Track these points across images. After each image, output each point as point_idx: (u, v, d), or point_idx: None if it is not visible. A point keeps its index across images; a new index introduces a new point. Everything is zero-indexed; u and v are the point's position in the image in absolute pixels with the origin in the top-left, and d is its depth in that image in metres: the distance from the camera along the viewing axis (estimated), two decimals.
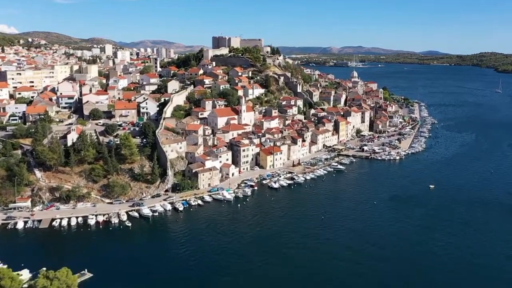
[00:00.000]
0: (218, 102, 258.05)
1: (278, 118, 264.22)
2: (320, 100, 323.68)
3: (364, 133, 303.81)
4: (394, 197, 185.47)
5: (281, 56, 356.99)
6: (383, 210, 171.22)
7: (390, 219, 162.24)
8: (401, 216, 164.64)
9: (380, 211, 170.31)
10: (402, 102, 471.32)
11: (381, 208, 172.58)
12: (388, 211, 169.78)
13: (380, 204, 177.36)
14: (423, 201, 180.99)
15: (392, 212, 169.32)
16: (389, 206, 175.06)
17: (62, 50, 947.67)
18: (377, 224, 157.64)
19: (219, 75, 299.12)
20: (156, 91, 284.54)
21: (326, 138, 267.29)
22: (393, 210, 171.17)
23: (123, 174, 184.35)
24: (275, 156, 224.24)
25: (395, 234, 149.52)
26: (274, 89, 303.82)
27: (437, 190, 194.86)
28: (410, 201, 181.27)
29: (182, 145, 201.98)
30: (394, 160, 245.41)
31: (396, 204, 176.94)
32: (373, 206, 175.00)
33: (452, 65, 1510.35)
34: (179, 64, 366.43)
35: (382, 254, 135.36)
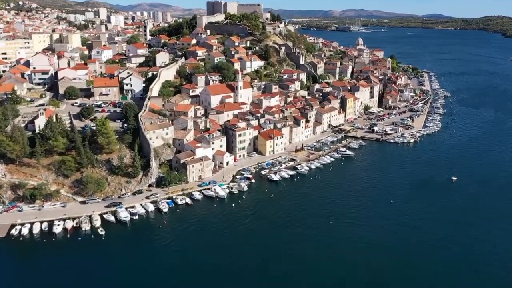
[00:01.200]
0: (211, 78, 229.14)
1: (279, 95, 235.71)
2: (325, 73, 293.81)
3: (373, 109, 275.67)
4: (413, 194, 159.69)
5: (282, 24, 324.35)
6: (402, 212, 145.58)
7: (412, 226, 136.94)
8: (426, 226, 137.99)
9: (398, 213, 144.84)
10: (410, 72, 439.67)
11: (399, 210, 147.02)
12: (408, 215, 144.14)
13: (397, 203, 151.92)
14: (447, 200, 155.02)
15: (413, 215, 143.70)
16: (408, 207, 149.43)
17: (54, 14, 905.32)
18: (396, 233, 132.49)
19: (213, 46, 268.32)
20: (144, 64, 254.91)
21: (332, 117, 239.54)
22: (414, 213, 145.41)
23: (100, 167, 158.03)
24: (276, 140, 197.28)
25: (423, 251, 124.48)
26: (275, 61, 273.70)
27: (461, 183, 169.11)
28: (432, 199, 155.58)
29: (169, 130, 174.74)
30: (408, 143, 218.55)
31: (417, 205, 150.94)
32: (389, 206, 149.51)
33: (457, 29, 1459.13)
34: (171, 32, 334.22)
35: (407, 274, 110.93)
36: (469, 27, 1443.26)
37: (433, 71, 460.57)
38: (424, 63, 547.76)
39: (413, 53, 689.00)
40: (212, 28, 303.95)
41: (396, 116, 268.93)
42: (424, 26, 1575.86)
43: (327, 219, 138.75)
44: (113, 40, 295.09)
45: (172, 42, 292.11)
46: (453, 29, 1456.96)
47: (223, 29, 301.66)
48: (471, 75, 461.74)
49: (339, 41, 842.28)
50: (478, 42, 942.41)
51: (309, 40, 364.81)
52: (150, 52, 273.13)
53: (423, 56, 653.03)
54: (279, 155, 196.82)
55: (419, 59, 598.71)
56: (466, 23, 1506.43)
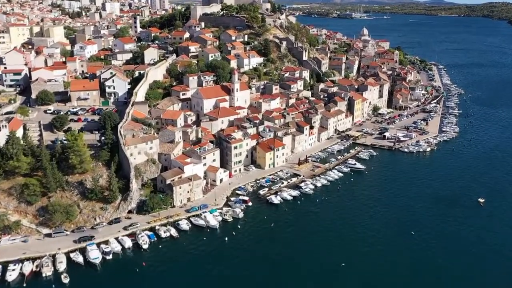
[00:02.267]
0: (205, 78, 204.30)
1: (280, 97, 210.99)
2: (330, 70, 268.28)
3: (382, 110, 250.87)
4: (436, 223, 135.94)
5: (283, 15, 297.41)
6: (425, 247, 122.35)
7: (437, 266, 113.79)
8: (456, 268, 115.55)
9: (421, 249, 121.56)
10: (418, 64, 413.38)
11: (423, 245, 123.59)
12: (431, 249, 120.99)
13: (419, 233, 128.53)
14: (477, 236, 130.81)
15: (437, 251, 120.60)
16: (431, 238, 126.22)
17: (49, 1, 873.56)
18: (420, 277, 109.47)
19: (208, 41, 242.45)
20: (131, 61, 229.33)
21: (339, 121, 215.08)
22: (438, 248, 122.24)
23: (70, 191, 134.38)
24: (276, 152, 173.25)
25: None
26: (275, 57, 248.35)
27: (491, 207, 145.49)
28: (459, 231, 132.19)
29: (153, 144, 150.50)
30: (424, 153, 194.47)
31: (442, 239, 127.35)
32: (411, 239, 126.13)
33: (461, 16, 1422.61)
34: (163, 24, 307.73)
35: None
36: (473, 14, 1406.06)
37: (442, 63, 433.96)
38: (431, 53, 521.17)
39: (418, 42, 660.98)
40: (207, 20, 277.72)
41: (407, 117, 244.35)
42: (427, 13, 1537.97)
43: (337, 259, 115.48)
44: (98, 34, 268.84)
45: (163, 35, 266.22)
46: (456, 16, 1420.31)
47: (219, 21, 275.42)
48: (483, 67, 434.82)
49: (341, 29, 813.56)
50: (484, 30, 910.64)
51: (312, 32, 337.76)
52: (139, 47, 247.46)
53: (430, 45, 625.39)
54: (280, 168, 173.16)
55: (426, 49, 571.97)
56: (469, 10, 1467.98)
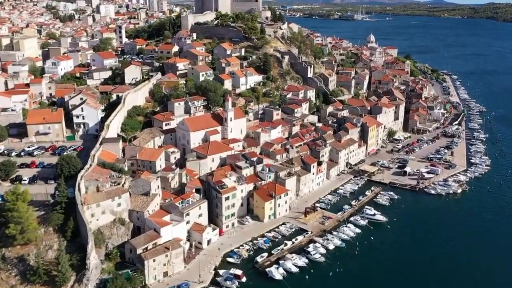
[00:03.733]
0: (193, 103, 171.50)
1: (282, 124, 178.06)
2: (338, 87, 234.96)
3: (398, 135, 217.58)
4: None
5: (285, 24, 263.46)
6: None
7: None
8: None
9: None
10: (429, 74, 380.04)
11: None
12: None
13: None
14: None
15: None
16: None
17: (44, 3, 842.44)
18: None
19: (199, 56, 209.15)
20: (110, 80, 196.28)
21: (351, 153, 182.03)
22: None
23: (7, 270, 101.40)
24: (278, 200, 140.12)
25: None
26: (276, 74, 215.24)
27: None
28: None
29: (122, 199, 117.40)
30: (454, 195, 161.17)
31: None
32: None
33: (464, 17, 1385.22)
34: (151, 34, 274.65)
35: None
36: (477, 16, 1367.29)
37: (455, 72, 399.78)
38: (440, 59, 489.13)
39: (425, 47, 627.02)
40: (200, 31, 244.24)
41: (427, 144, 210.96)
42: (429, 14, 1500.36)
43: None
44: (76, 46, 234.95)
45: (149, 48, 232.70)
46: (460, 18, 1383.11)
47: (212, 32, 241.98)
48: (499, 75, 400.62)
49: (343, 32, 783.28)
50: (491, 33, 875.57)
51: (316, 42, 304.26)
52: (121, 62, 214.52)
53: (438, 50, 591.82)
54: (282, 220, 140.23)
55: (435, 55, 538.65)
56: (473, 11, 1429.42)
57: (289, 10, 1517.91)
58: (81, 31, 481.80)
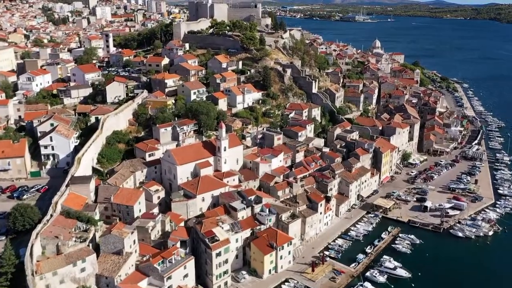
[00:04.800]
0: (182, 128, 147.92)
1: (284, 151, 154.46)
2: (345, 103, 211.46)
3: (413, 159, 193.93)
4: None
5: (287, 33, 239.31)
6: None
7: None
8: None
9: None
10: (440, 83, 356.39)
11: None
12: None
13: None
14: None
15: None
16: None
17: (40, 4, 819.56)
18: None
19: (191, 70, 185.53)
20: (91, 98, 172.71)
21: (363, 184, 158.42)
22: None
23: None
24: (280, 251, 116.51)
25: None
26: (277, 90, 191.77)
27: None
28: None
29: (87, 263, 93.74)
30: (485, 238, 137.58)
31: None
32: None
33: (467, 19, 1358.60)
34: (141, 42, 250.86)
35: None
36: (480, 17, 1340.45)
37: (466, 79, 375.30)
38: (448, 64, 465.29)
39: (430, 50, 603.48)
40: (194, 40, 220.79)
41: (446, 168, 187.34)
42: (431, 15, 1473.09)
43: None
44: (56, 58, 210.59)
45: (137, 60, 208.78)
46: (462, 19, 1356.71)
47: (207, 42, 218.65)
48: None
49: (345, 34, 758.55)
50: (496, 35, 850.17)
51: (321, 50, 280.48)
52: (105, 75, 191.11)
53: (444, 55, 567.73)
54: (285, 276, 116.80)
55: (441, 59, 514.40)
56: (476, 12, 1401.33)
57: (289, 11, 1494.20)
58: (73, 36, 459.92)
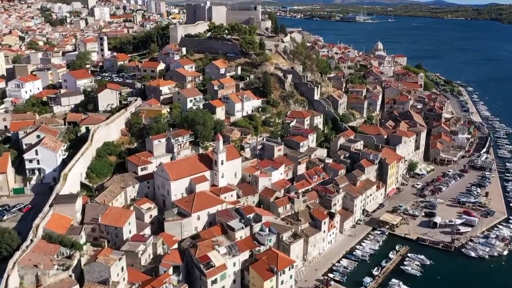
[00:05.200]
0: (177, 140, 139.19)
1: (285, 163, 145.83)
2: (348, 110, 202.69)
3: (420, 169, 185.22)
4: None
5: (287, 37, 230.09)
6: None
7: None
8: None
9: None
10: (443, 86, 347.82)
11: None
12: None
13: None
14: None
15: None
16: None
17: (38, 5, 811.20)
18: None
19: (187, 77, 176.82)
20: (82, 106, 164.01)
21: (368, 198, 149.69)
22: None
23: None
24: (281, 276, 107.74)
25: None
26: (278, 97, 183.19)
27: None
28: None
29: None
30: (500, 258, 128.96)
31: None
32: None
33: (467, 19, 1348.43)
34: (137, 46, 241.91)
35: None
36: (480, 17, 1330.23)
37: (470, 83, 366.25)
38: (451, 66, 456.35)
39: (432, 51, 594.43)
40: (191, 44, 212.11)
41: (455, 179, 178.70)
42: (432, 15, 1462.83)
43: None
44: (47, 62, 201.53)
45: (132, 65, 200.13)
46: (463, 19, 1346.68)
47: (205, 46, 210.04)
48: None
49: (345, 34, 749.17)
50: (497, 35, 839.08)
51: (322, 53, 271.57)
52: (98, 81, 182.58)
53: (446, 55, 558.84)
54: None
55: (444, 61, 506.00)
56: (476, 13, 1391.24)
57: (289, 11, 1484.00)
58: (69, 37, 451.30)
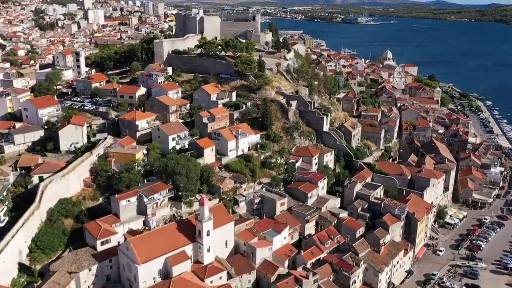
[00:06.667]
0: (153, 197, 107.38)
1: (289, 224, 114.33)
2: (363, 141, 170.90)
3: (451, 216, 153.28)
4: None
5: (291, 53, 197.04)
6: None
7: None
8: None
9: None
10: (459, 100, 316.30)
11: None
12: None
13: None
14: None
15: None
16: None
17: (32, 7, 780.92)
18: None
19: (170, 106, 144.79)
20: (40, 145, 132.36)
21: (394, 267, 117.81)
22: None
23: None
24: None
25: None
26: (280, 130, 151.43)
27: None
28: None
29: None
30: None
31: None
32: None
33: (471, 20, 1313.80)
34: (119, 62, 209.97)
35: None
36: (484, 18, 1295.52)
37: (487, 95, 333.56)
38: (462, 73, 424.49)
39: (439, 56, 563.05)
40: (179, 62, 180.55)
41: (494, 230, 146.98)
42: (435, 16, 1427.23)
43: None
44: (5, 88, 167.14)
45: (109, 87, 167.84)
46: (467, 21, 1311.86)
47: (195, 64, 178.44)
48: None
49: (348, 37, 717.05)
50: (506, 38, 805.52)
51: (329, 68, 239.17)
52: (66, 109, 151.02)
53: (456, 61, 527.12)
54: None
55: (453, 68, 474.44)
56: (480, 14, 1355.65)
57: (289, 12, 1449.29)
58: (57, 44, 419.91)
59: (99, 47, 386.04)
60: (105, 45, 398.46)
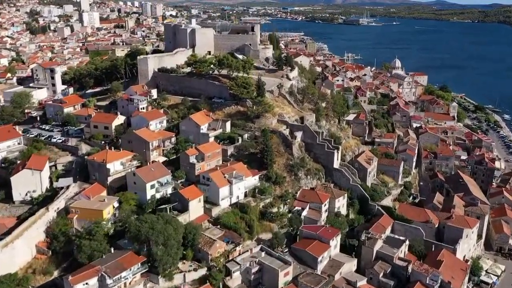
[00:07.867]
0: (118, 279, 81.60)
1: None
2: (379, 177, 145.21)
3: (487, 272, 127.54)
4: None
5: (295, 71, 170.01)
6: None
7: None
8: None
9: None
10: (474, 113, 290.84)
11: None
12: None
13: None
14: None
15: None
16: None
17: (27, 8, 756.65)
18: None
19: (150, 142, 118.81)
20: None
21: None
22: None
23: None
24: None
25: None
26: (282, 168, 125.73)
27: None
28: None
29: None
30: None
31: None
32: None
33: (474, 21, 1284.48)
34: (100, 79, 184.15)
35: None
36: (488, 20, 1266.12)
37: (504, 108, 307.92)
38: (471, 81, 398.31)
39: (446, 60, 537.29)
40: (166, 81, 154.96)
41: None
42: (437, 17, 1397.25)
43: None
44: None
45: (83, 113, 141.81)
46: (470, 22, 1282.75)
47: (184, 85, 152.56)
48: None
49: (350, 39, 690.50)
50: (510, 40, 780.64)
51: (337, 83, 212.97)
52: (31, 141, 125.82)
53: (463, 66, 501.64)
54: None
55: (461, 73, 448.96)
56: (483, 15, 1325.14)
57: (290, 13, 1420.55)
58: (45, 50, 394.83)
59: (90, 54, 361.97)
60: (96, 52, 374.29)
